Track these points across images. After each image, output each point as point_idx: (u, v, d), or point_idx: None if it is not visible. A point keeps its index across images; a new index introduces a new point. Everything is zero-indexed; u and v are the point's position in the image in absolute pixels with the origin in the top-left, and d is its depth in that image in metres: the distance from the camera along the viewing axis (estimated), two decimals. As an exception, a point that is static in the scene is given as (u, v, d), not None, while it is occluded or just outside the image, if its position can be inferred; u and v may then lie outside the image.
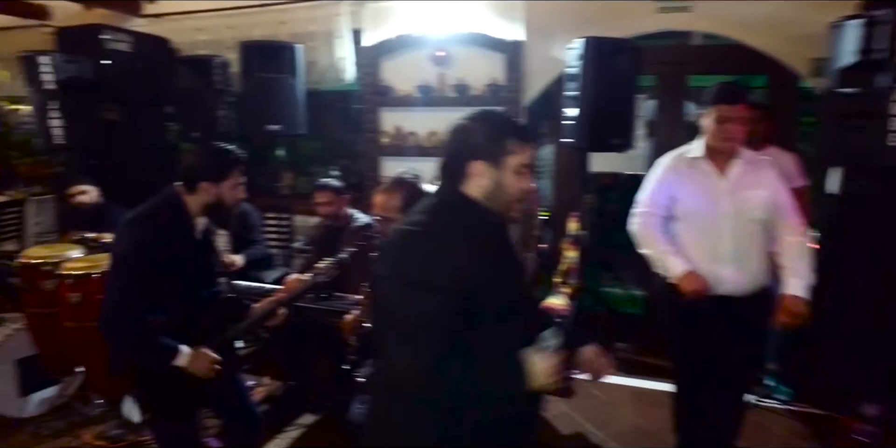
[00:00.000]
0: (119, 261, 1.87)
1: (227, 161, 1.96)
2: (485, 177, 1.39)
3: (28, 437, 2.93)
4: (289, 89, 4.12)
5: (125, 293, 1.81)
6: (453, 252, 1.32)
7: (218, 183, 1.92)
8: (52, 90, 3.90)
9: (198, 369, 1.91)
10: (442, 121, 4.44)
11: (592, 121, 3.52)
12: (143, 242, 1.83)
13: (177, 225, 1.92)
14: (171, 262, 1.87)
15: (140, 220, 1.89)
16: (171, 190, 1.95)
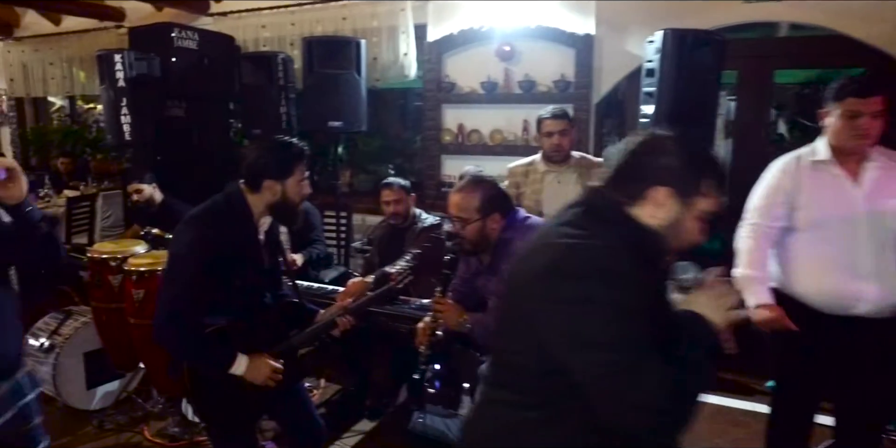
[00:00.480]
0: (174, 260, 1.77)
1: (291, 156, 1.81)
2: (665, 208, 1.14)
3: (93, 430, 2.97)
4: (351, 85, 4.05)
5: (179, 294, 1.71)
6: (628, 270, 1.07)
7: (282, 180, 1.80)
8: (123, 87, 3.97)
9: (256, 378, 1.81)
10: (506, 118, 4.32)
11: (671, 118, 3.28)
12: (200, 241, 1.72)
13: (238, 225, 1.79)
14: (231, 264, 1.75)
15: (198, 218, 1.78)
16: (233, 188, 1.83)
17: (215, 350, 1.77)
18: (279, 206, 1.83)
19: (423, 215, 3.17)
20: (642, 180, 1.15)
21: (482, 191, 1.95)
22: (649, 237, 1.15)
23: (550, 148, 2.92)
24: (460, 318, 1.97)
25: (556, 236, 1.15)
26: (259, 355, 1.83)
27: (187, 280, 1.71)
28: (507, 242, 1.95)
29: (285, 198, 1.82)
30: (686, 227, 1.17)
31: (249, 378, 1.80)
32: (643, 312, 1.05)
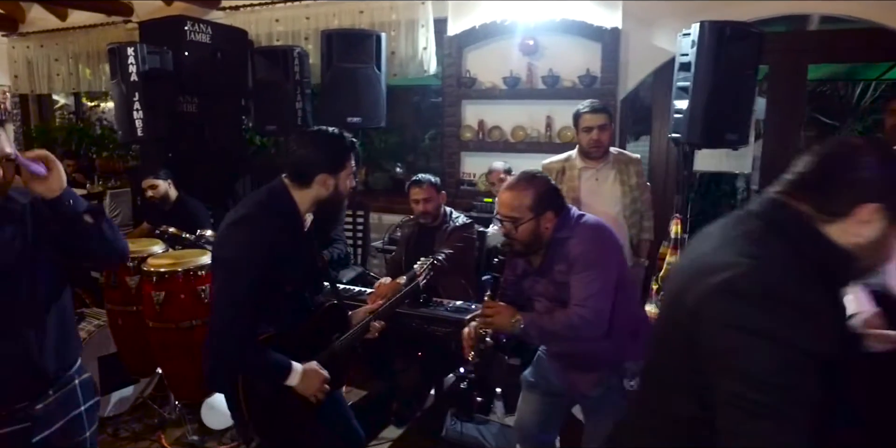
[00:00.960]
0: (230, 267, 1.60)
1: (343, 148, 1.69)
2: (871, 226, 1.02)
3: (108, 438, 2.83)
4: (371, 80, 3.93)
5: (238, 306, 1.57)
6: (818, 309, 0.97)
7: (335, 173, 1.67)
8: (136, 82, 3.85)
9: (307, 389, 1.70)
10: (529, 114, 4.19)
11: (706, 114, 3.16)
12: (254, 246, 1.57)
13: (287, 224, 1.67)
14: (283, 267, 1.63)
15: (247, 220, 1.62)
16: (278, 184, 1.70)
17: (274, 362, 1.65)
18: (330, 200, 1.71)
19: (454, 214, 3.04)
20: (848, 195, 1.03)
21: (535, 188, 1.82)
22: (843, 258, 1.04)
23: (589, 143, 2.79)
24: (512, 319, 1.84)
25: (736, 252, 1.03)
26: (311, 366, 1.72)
27: (247, 288, 1.57)
28: (560, 243, 1.84)
29: (337, 192, 1.70)
30: (886, 245, 1.05)
31: (301, 389, 1.69)
32: (817, 357, 0.94)
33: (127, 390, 3.00)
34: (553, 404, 2.12)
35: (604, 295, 1.79)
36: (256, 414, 1.70)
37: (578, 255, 1.79)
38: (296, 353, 1.72)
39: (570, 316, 1.78)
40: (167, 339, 2.56)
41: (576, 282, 1.80)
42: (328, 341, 1.84)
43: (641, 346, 1.98)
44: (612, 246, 1.87)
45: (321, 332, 1.83)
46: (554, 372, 2.05)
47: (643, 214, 3.00)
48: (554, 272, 1.87)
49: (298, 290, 1.75)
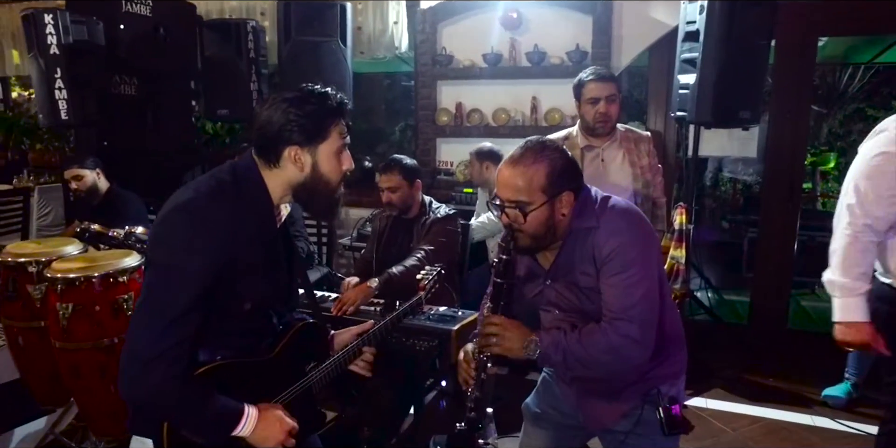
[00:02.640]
0: (157, 273, 1.14)
1: (325, 111, 1.19)
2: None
3: (11, 484, 2.32)
4: (335, 55, 3.48)
5: (166, 325, 1.09)
6: None
7: (312, 147, 1.20)
8: (56, 55, 3.29)
9: (266, 442, 1.23)
10: (512, 95, 3.79)
11: (717, 89, 2.81)
12: (204, 240, 1.11)
13: (252, 217, 1.20)
14: (242, 277, 1.18)
15: (193, 207, 1.14)
16: (245, 161, 1.23)
17: (216, 406, 1.16)
18: (309, 186, 1.21)
19: (433, 205, 2.59)
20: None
21: (548, 161, 1.35)
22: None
23: (596, 118, 2.37)
24: (525, 340, 1.39)
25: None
26: (270, 410, 1.24)
27: (181, 305, 1.09)
28: (583, 234, 1.39)
29: (317, 174, 1.21)
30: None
31: (256, 442, 1.21)
32: None
33: (37, 423, 2.47)
34: (566, 440, 1.67)
35: (650, 302, 1.36)
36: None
37: (613, 251, 1.34)
38: (254, 389, 1.25)
39: (608, 334, 1.34)
40: (78, 361, 2.03)
41: (611, 286, 1.35)
42: (301, 373, 1.37)
43: (680, 362, 1.57)
44: (652, 238, 1.43)
45: (292, 362, 1.36)
46: (567, 400, 1.61)
47: (656, 201, 2.59)
48: (575, 274, 1.42)
49: (262, 308, 1.27)
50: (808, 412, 2.94)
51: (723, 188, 6.83)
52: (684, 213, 3.22)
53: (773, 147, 3.56)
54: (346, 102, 1.23)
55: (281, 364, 1.32)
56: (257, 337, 1.30)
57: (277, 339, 1.33)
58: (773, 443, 2.68)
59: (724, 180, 6.72)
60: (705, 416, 2.94)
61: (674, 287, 3.28)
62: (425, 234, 2.46)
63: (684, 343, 1.68)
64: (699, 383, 3.25)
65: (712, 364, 3.42)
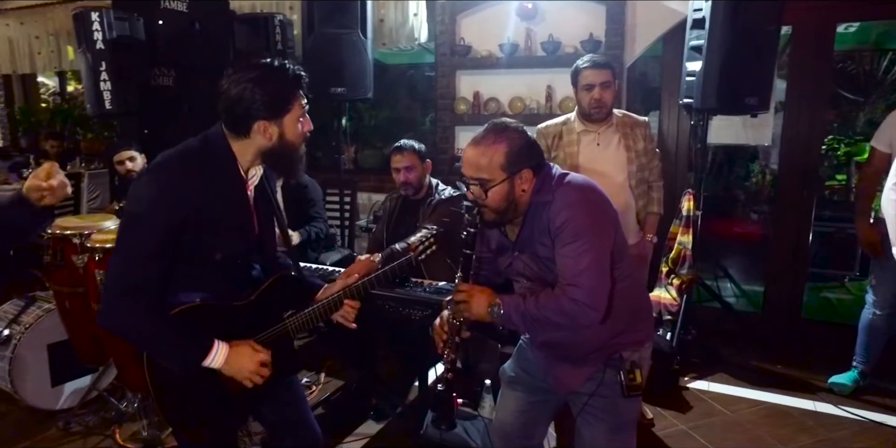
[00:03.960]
0: (129, 221, 1.34)
1: (287, 85, 1.36)
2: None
3: (57, 432, 2.59)
4: (356, 47, 3.63)
5: (133, 264, 1.29)
6: None
7: (278, 119, 1.36)
8: (102, 50, 3.57)
9: (238, 373, 1.40)
10: (527, 84, 3.88)
11: (722, 74, 2.85)
12: (165, 196, 1.29)
13: (217, 178, 1.37)
14: (209, 229, 1.35)
15: (165, 167, 1.33)
16: (216, 130, 1.40)
17: (184, 337, 1.35)
18: (276, 152, 1.39)
19: (440, 186, 2.74)
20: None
21: (507, 141, 1.48)
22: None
23: (590, 104, 2.46)
24: (491, 304, 1.52)
25: None
26: (242, 344, 1.42)
27: (146, 248, 1.29)
28: (540, 208, 1.51)
29: (284, 141, 1.38)
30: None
31: (229, 373, 1.39)
32: None
33: (83, 380, 2.76)
34: (538, 404, 1.79)
35: (598, 270, 1.45)
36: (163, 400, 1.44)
37: (564, 223, 1.44)
38: (232, 330, 1.43)
39: (560, 298, 1.45)
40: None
41: (563, 256, 1.46)
42: (277, 319, 1.54)
43: (642, 331, 1.67)
44: (604, 209, 1.53)
45: (268, 308, 1.53)
46: (538, 364, 1.73)
47: (652, 185, 2.67)
48: (535, 245, 1.54)
49: (235, 258, 1.44)
50: (811, 398, 2.96)
51: (754, 180, 6.71)
52: (692, 200, 3.27)
53: (788, 134, 3.55)
54: (303, 74, 1.40)
55: (257, 309, 1.50)
56: (236, 284, 1.48)
57: (256, 288, 1.51)
58: (771, 425, 2.72)
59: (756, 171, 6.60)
60: (706, 398, 2.99)
61: (680, 273, 3.34)
62: (430, 214, 2.60)
63: (650, 315, 1.79)
64: (704, 368, 3.30)
65: (721, 351, 3.46)
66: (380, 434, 2.61)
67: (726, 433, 2.67)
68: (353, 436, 2.58)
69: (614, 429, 1.63)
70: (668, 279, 3.39)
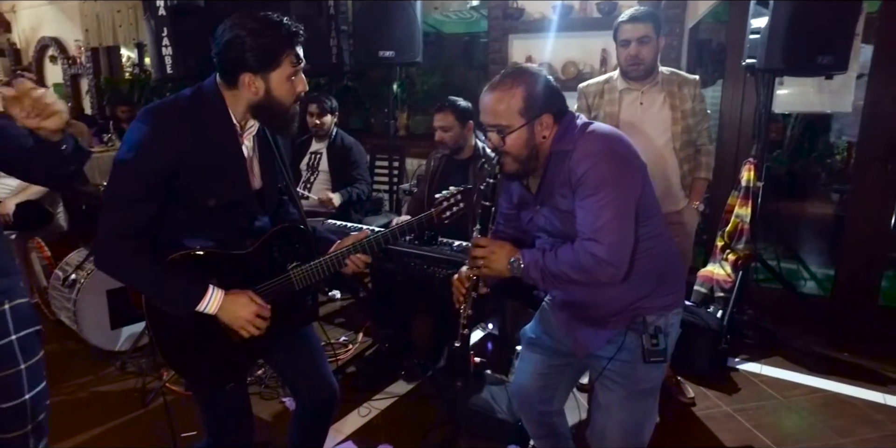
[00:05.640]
0: (118, 166, 1.34)
1: (278, 40, 1.33)
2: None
3: (115, 371, 2.81)
4: (405, 11, 3.58)
5: (123, 207, 1.31)
6: None
7: (265, 73, 1.35)
8: (163, 17, 3.71)
9: (233, 320, 1.42)
10: (581, 48, 3.71)
11: (790, 30, 2.59)
12: (152, 143, 1.31)
13: (208, 126, 1.37)
14: (197, 174, 1.36)
15: (153, 113, 1.34)
16: (210, 80, 1.41)
17: (178, 281, 1.38)
18: (263, 107, 1.39)
19: (487, 150, 2.68)
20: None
21: (525, 85, 1.40)
22: None
23: (627, 60, 2.31)
24: (510, 259, 1.47)
25: None
26: (239, 293, 1.44)
27: (133, 191, 1.32)
28: (561, 157, 1.42)
29: (270, 97, 1.37)
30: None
31: (225, 320, 1.42)
32: None
33: (137, 326, 2.95)
34: (558, 368, 1.72)
35: (620, 224, 1.37)
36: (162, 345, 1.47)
37: (585, 173, 1.36)
38: (233, 279, 1.45)
39: (578, 253, 1.37)
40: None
41: (583, 208, 1.38)
42: (281, 270, 1.55)
43: (670, 295, 1.56)
44: (629, 160, 1.42)
45: (271, 259, 1.54)
46: (559, 326, 1.66)
47: (700, 148, 2.48)
48: (555, 197, 1.46)
49: (229, 207, 1.45)
50: (881, 390, 2.71)
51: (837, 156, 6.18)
52: (753, 170, 3.05)
53: (872, 100, 3.20)
54: (300, 32, 1.38)
55: (258, 259, 1.51)
56: (237, 234, 1.49)
57: (258, 239, 1.52)
58: (828, 415, 2.52)
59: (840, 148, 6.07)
60: (757, 381, 2.81)
61: (736, 248, 3.14)
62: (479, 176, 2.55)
63: (680, 281, 1.67)
64: (758, 350, 3.10)
65: (779, 334, 3.22)
66: (409, 394, 2.63)
67: (775, 418, 2.50)
68: (384, 394, 2.61)
69: (631, 396, 1.55)
70: (723, 254, 3.20)
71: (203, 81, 1.43)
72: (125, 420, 2.45)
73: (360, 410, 2.48)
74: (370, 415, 2.47)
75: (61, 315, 2.99)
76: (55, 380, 2.68)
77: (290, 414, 2.42)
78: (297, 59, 1.39)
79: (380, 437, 2.29)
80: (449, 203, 1.59)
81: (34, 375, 1.43)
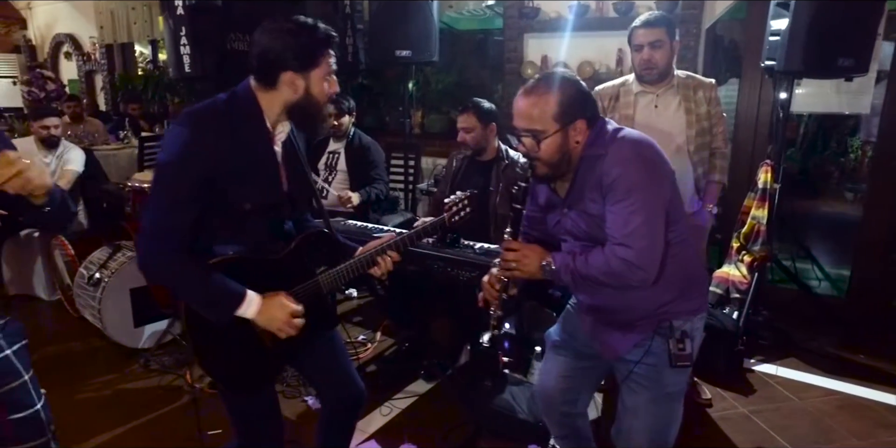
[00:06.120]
0: (160, 170, 1.37)
1: (316, 41, 1.38)
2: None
3: (138, 369, 2.85)
4: (421, 11, 3.59)
5: (166, 213, 1.35)
6: None
7: (305, 72, 1.38)
8: (182, 16, 3.74)
9: (270, 324, 1.45)
10: (597, 48, 3.71)
11: (811, 32, 2.59)
12: (193, 146, 1.33)
13: (244, 130, 1.40)
14: (236, 180, 1.39)
15: (193, 117, 1.37)
16: (244, 84, 1.43)
17: (218, 286, 1.40)
18: (301, 106, 1.42)
19: (510, 152, 2.69)
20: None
21: (560, 91, 1.42)
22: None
23: (640, 64, 2.35)
24: (542, 260, 1.49)
25: None
26: (275, 295, 1.47)
27: (176, 194, 1.35)
28: (592, 162, 1.44)
29: (309, 96, 1.41)
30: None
31: (261, 323, 1.45)
32: None
33: (160, 324, 3.00)
34: (583, 370, 1.74)
35: (651, 229, 1.39)
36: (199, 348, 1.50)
37: (616, 178, 1.38)
38: (265, 283, 1.48)
39: (609, 257, 1.40)
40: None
41: (613, 213, 1.40)
42: (310, 274, 1.58)
43: (695, 300, 1.58)
44: (660, 166, 1.44)
45: (301, 263, 1.57)
46: (585, 329, 1.68)
47: (715, 151, 2.50)
48: (585, 201, 1.47)
49: (262, 211, 1.49)
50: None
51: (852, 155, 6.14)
52: (770, 172, 3.05)
53: (892, 99, 3.19)
54: (333, 34, 1.42)
55: (289, 264, 1.54)
56: (268, 238, 1.52)
57: (289, 243, 1.55)
58: (845, 417, 2.53)
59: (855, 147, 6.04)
60: (772, 382, 2.83)
61: (752, 249, 3.15)
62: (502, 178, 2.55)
63: (704, 285, 1.70)
64: (774, 351, 3.11)
65: (795, 335, 3.22)
66: (429, 393, 2.66)
67: (791, 420, 2.52)
68: (403, 393, 2.65)
69: (657, 399, 1.57)
70: (739, 255, 3.21)
71: (236, 87, 1.45)
72: (149, 419, 2.49)
73: (381, 410, 2.52)
74: (391, 414, 2.50)
75: (85, 313, 3.05)
76: (79, 377, 2.77)
77: (312, 413, 2.48)
78: (333, 60, 1.43)
79: (402, 437, 2.33)
80: (457, 207, 1.63)
81: (36, 386, 1.46)
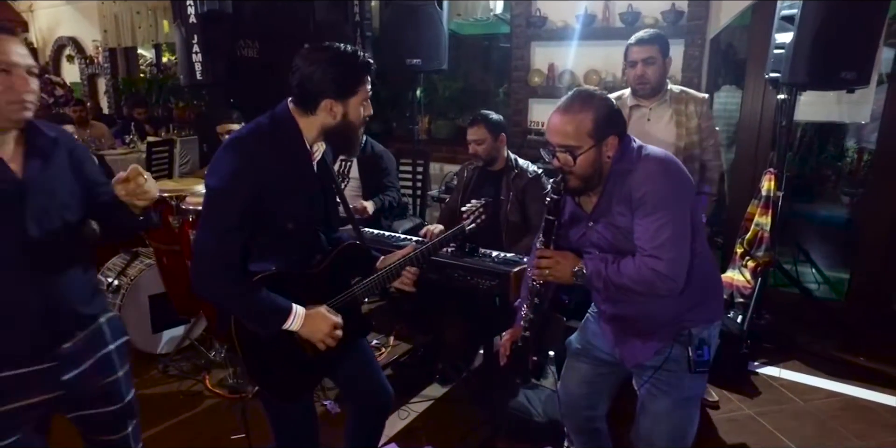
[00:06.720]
0: (212, 194, 1.43)
1: (356, 70, 1.45)
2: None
3: (157, 374, 2.90)
4: (431, 19, 3.65)
5: (220, 235, 1.41)
6: None
7: (344, 99, 1.45)
8: (194, 24, 3.78)
9: (314, 335, 1.51)
10: (604, 57, 3.78)
11: (816, 46, 2.66)
12: (243, 172, 1.39)
13: (287, 152, 1.46)
14: (281, 200, 1.46)
15: (239, 143, 1.43)
16: (283, 108, 1.49)
17: (267, 302, 1.47)
18: (338, 130, 1.48)
19: (519, 161, 2.76)
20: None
21: (594, 108, 1.49)
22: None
23: (634, 80, 2.48)
24: (575, 267, 1.56)
25: None
26: (317, 308, 1.54)
27: (229, 220, 1.41)
28: (621, 176, 1.51)
29: (346, 121, 1.48)
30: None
31: (306, 335, 1.52)
32: None
33: (178, 330, 3.04)
34: (603, 376, 1.82)
35: (679, 242, 1.47)
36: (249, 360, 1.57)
37: (646, 193, 1.46)
38: (305, 296, 1.55)
39: (640, 268, 1.47)
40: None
41: (643, 226, 1.47)
42: (346, 285, 1.66)
43: (713, 309, 1.66)
44: (686, 182, 1.52)
45: (337, 275, 1.64)
46: (606, 337, 1.75)
47: (706, 164, 2.61)
48: (613, 214, 1.54)
49: (304, 228, 1.56)
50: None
51: (848, 159, 6.25)
52: (773, 180, 3.13)
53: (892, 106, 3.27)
54: (371, 62, 1.48)
55: (327, 276, 1.61)
56: (306, 252, 1.59)
57: (325, 256, 1.62)
58: (847, 418, 2.60)
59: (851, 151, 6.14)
60: (776, 385, 2.90)
61: (756, 255, 3.23)
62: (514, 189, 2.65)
63: (721, 293, 1.77)
64: (777, 354, 3.18)
65: (797, 338, 3.31)
66: (444, 397, 2.72)
67: (795, 422, 2.59)
68: (419, 397, 2.71)
69: (677, 403, 1.64)
70: (743, 261, 3.29)
71: (275, 110, 1.51)
72: (170, 424, 2.52)
73: (399, 413, 2.58)
74: (409, 417, 2.56)
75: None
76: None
77: (331, 416, 2.53)
78: (370, 87, 1.49)
79: (421, 440, 2.39)
80: (474, 215, 1.74)
81: (129, 380, 1.56)
